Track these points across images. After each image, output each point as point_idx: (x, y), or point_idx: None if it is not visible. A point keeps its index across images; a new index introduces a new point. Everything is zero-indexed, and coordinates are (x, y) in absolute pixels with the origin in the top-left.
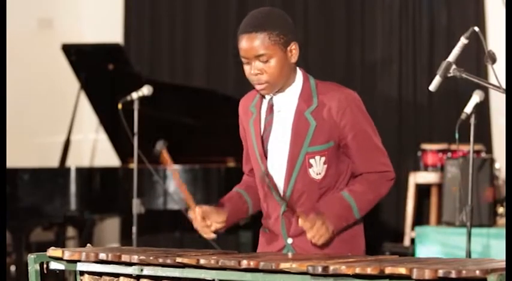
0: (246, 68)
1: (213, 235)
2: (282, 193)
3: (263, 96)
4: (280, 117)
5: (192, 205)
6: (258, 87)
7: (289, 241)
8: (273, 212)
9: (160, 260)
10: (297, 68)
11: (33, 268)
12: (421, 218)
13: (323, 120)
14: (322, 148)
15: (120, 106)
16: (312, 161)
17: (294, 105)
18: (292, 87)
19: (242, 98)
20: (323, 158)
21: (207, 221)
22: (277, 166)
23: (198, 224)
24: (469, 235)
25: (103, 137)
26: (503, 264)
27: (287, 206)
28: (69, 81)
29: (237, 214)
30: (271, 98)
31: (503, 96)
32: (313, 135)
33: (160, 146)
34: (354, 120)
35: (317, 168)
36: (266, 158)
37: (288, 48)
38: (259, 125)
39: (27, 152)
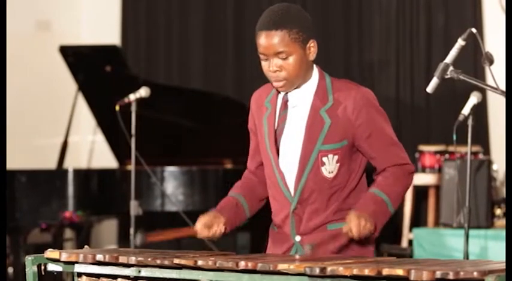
0: (264, 64)
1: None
2: (293, 192)
3: (278, 92)
4: (295, 113)
5: (192, 229)
6: (276, 84)
7: (297, 238)
8: (283, 210)
9: (158, 262)
10: (314, 65)
11: (30, 269)
12: (418, 220)
13: (338, 118)
14: (335, 147)
15: (117, 108)
16: (324, 159)
17: (309, 102)
18: (308, 84)
19: (256, 90)
20: (336, 157)
21: (212, 227)
22: (289, 162)
23: (205, 234)
24: (467, 236)
25: (100, 139)
26: (501, 266)
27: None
28: (66, 82)
29: (234, 222)
30: (286, 93)
31: (501, 97)
32: (328, 134)
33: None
34: (370, 119)
35: (329, 166)
36: (278, 154)
37: (307, 45)
38: (274, 121)
39: (25, 154)
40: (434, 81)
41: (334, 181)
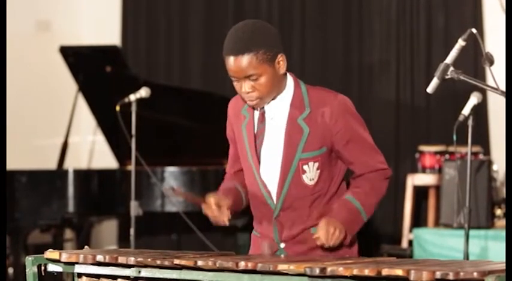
0: (236, 85)
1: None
2: (275, 200)
3: None
4: (273, 124)
5: (203, 201)
6: (249, 103)
7: (282, 245)
8: (265, 217)
9: (158, 262)
10: (288, 74)
11: (31, 270)
12: (418, 220)
13: (316, 126)
14: (315, 154)
15: (117, 108)
16: (305, 167)
17: (286, 113)
18: (283, 94)
19: (232, 98)
20: (316, 164)
21: (222, 207)
22: (271, 172)
23: (216, 213)
24: (467, 237)
25: (101, 139)
26: (501, 266)
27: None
28: (66, 83)
29: (236, 206)
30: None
31: (501, 98)
32: (307, 142)
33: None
34: (347, 126)
35: (310, 174)
36: (259, 163)
37: (276, 61)
38: (253, 130)
39: (25, 154)
40: (434, 82)
41: (315, 187)
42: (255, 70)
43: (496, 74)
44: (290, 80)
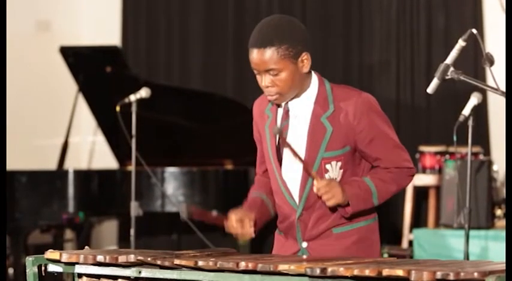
0: (258, 78)
1: (252, 233)
2: (297, 200)
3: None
4: (296, 122)
5: (225, 219)
6: (269, 97)
7: (304, 244)
8: (289, 216)
9: (159, 262)
10: (312, 72)
11: (31, 270)
12: (419, 221)
13: (339, 125)
14: (338, 153)
15: (118, 108)
16: (328, 166)
17: (310, 111)
18: (307, 93)
19: (257, 99)
20: (339, 163)
21: (244, 223)
22: (293, 171)
23: (239, 230)
24: (467, 237)
25: (101, 140)
26: (501, 266)
27: (304, 169)
28: (67, 83)
29: (261, 219)
30: (287, 103)
31: (501, 98)
32: (330, 141)
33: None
34: (371, 124)
35: (333, 173)
36: (281, 163)
37: (299, 59)
38: None
39: (25, 155)
40: (434, 82)
41: None
42: (276, 65)
43: (496, 75)
44: (315, 78)
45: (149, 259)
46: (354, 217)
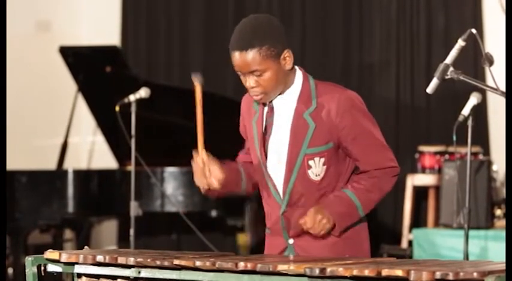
0: (242, 79)
1: (214, 185)
2: (281, 195)
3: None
4: (280, 119)
5: (201, 146)
6: (255, 97)
7: (291, 241)
8: (273, 212)
9: (158, 263)
10: (297, 68)
11: (30, 270)
12: (418, 221)
13: (322, 121)
14: (321, 149)
15: (117, 108)
16: (311, 162)
17: (293, 107)
18: (291, 89)
19: (245, 94)
20: (322, 159)
21: (206, 170)
22: (277, 167)
23: (198, 169)
24: (467, 237)
25: (100, 140)
26: (501, 266)
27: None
28: (66, 83)
29: (232, 184)
30: (272, 100)
31: (501, 98)
32: (312, 137)
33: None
34: (354, 121)
35: (316, 169)
36: (266, 158)
37: (281, 57)
38: (262, 126)
39: (25, 154)
40: (434, 82)
41: (321, 183)
42: (259, 66)
43: (495, 75)
44: (299, 74)
45: (149, 260)
46: None
